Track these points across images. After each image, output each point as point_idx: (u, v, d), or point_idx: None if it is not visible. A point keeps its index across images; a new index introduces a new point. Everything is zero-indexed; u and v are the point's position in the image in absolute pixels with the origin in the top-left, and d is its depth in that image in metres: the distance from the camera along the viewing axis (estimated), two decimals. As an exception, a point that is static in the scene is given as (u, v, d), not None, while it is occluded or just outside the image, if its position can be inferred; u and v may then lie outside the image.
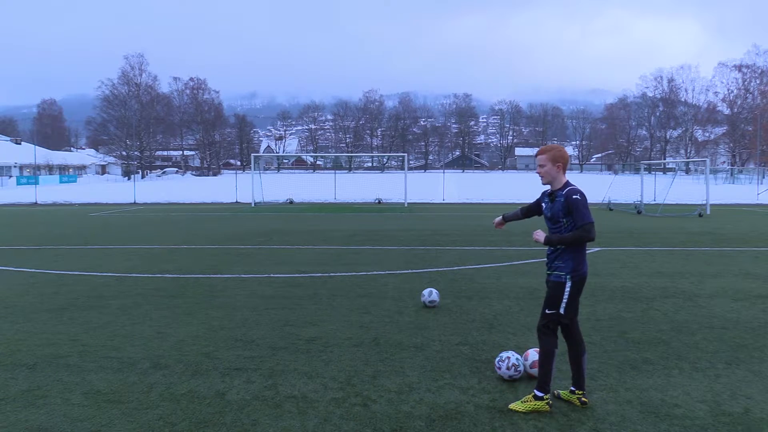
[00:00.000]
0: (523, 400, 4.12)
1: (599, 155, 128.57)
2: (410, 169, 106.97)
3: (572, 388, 4.26)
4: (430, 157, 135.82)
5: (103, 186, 58.31)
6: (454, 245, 13.05)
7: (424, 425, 3.89)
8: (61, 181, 67.98)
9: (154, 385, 4.60)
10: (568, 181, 4.17)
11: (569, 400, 4.25)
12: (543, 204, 4.32)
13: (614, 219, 19.99)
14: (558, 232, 4.10)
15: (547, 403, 4.07)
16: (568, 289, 4.07)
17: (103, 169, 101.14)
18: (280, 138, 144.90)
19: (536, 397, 4.08)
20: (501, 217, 4.82)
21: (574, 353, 4.22)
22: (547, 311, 4.12)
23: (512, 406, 4.10)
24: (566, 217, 4.05)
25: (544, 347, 4.10)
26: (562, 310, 4.08)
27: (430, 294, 7.14)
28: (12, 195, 39.84)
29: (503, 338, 5.83)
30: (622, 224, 17.91)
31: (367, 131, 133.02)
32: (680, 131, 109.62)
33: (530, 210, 4.53)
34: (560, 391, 4.34)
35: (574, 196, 4.00)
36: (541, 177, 4.20)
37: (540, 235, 4.15)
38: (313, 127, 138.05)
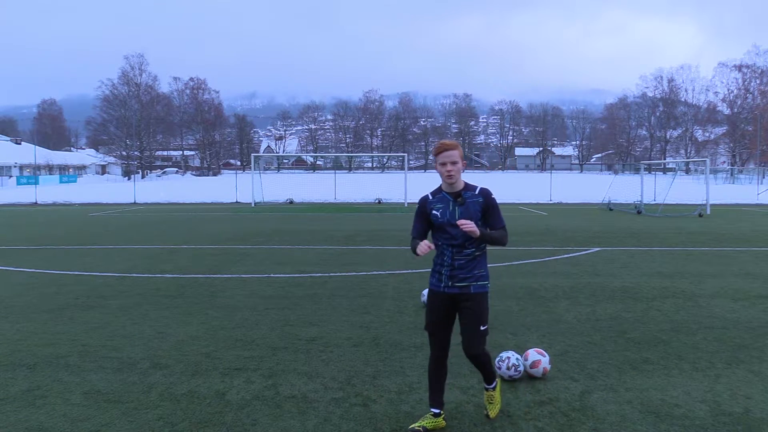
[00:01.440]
0: (494, 402, 4.00)
1: (599, 155, 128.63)
2: (410, 169, 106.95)
3: (436, 411, 3.81)
4: (430, 157, 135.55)
5: (103, 186, 58.31)
6: (454, 245, 13.03)
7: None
8: (61, 181, 67.98)
9: (154, 385, 4.60)
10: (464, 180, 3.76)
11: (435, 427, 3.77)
12: (437, 211, 3.67)
13: (614, 219, 19.95)
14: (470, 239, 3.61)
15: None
16: (488, 298, 3.74)
17: (103, 169, 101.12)
18: (280, 138, 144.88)
19: (492, 389, 3.96)
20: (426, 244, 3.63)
21: (444, 371, 3.83)
22: (482, 328, 3.66)
23: (493, 414, 3.95)
24: (482, 219, 3.64)
25: (485, 354, 3.77)
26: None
27: (430, 294, 7.13)
28: (12, 195, 39.82)
29: (503, 338, 5.82)
30: (622, 224, 17.89)
31: (367, 131, 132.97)
32: (680, 131, 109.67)
33: (425, 232, 3.79)
34: (424, 425, 3.73)
35: (493, 196, 3.67)
36: (452, 176, 3.59)
37: (473, 226, 3.47)
38: (313, 127, 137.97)
